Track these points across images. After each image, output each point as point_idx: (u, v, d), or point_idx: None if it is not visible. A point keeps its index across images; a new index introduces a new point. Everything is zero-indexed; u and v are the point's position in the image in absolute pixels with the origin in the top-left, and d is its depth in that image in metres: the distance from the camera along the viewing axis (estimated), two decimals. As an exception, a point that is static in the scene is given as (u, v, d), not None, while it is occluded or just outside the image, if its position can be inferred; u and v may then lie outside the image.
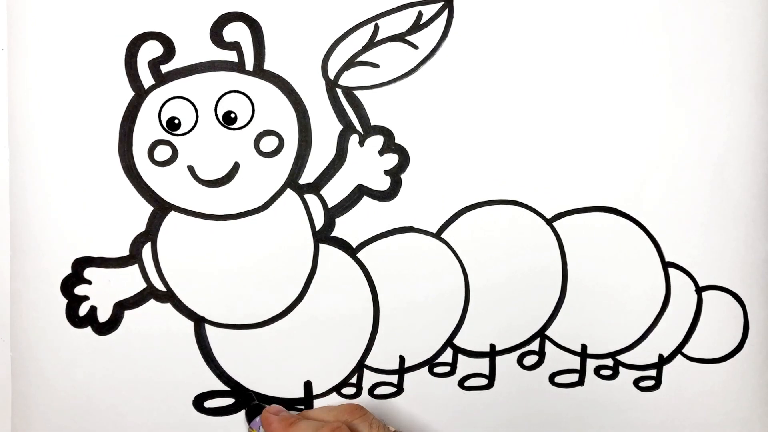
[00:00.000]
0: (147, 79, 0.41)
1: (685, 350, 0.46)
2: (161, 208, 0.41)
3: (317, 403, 0.44)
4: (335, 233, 0.43)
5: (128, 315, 0.42)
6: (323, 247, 0.43)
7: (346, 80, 0.42)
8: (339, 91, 0.42)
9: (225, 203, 0.42)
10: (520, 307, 0.44)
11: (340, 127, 0.42)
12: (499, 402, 0.45)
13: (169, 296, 0.42)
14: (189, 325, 0.42)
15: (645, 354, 0.45)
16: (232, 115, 0.41)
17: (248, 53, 0.41)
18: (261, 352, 0.43)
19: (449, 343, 0.44)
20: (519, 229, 0.44)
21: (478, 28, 0.42)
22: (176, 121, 0.41)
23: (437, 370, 0.44)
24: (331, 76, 0.42)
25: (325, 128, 0.42)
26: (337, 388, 0.44)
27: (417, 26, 0.42)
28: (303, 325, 0.43)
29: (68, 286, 0.41)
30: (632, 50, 0.43)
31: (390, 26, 0.41)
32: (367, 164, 0.42)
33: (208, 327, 0.42)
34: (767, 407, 0.46)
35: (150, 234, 0.41)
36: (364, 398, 0.44)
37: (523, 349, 0.45)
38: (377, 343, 0.44)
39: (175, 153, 0.41)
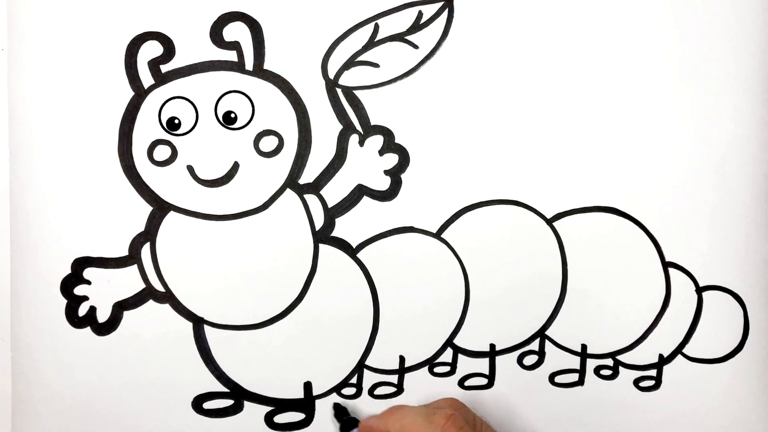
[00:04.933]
0: (147, 79, 0.41)
1: (685, 350, 0.46)
2: (160, 208, 0.41)
3: (318, 404, 0.44)
4: (335, 233, 0.43)
5: (127, 315, 0.42)
6: (323, 247, 0.43)
7: (346, 80, 0.42)
8: (339, 90, 0.42)
9: (225, 203, 0.42)
10: (520, 306, 0.44)
11: (340, 127, 0.42)
12: (499, 402, 0.45)
13: (168, 297, 0.42)
14: (188, 325, 0.42)
15: (645, 354, 0.45)
16: (232, 115, 0.41)
17: (248, 53, 0.41)
18: (260, 353, 0.43)
19: (449, 342, 0.44)
20: (519, 229, 0.44)
21: (478, 28, 0.42)
22: (176, 121, 0.41)
23: (437, 370, 0.44)
24: (331, 75, 0.42)
25: (325, 128, 0.42)
26: (337, 389, 0.44)
27: (417, 26, 0.42)
28: (303, 326, 0.43)
29: (68, 286, 0.41)
30: (632, 50, 0.43)
31: (390, 26, 0.41)
32: (367, 164, 0.42)
33: (207, 328, 0.42)
34: (767, 407, 0.46)
35: (149, 234, 0.41)
36: (364, 398, 0.44)
37: (523, 348, 0.45)
38: (377, 343, 0.44)
39: (174, 153, 0.41)
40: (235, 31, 0.41)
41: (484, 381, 0.45)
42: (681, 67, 0.44)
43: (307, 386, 0.43)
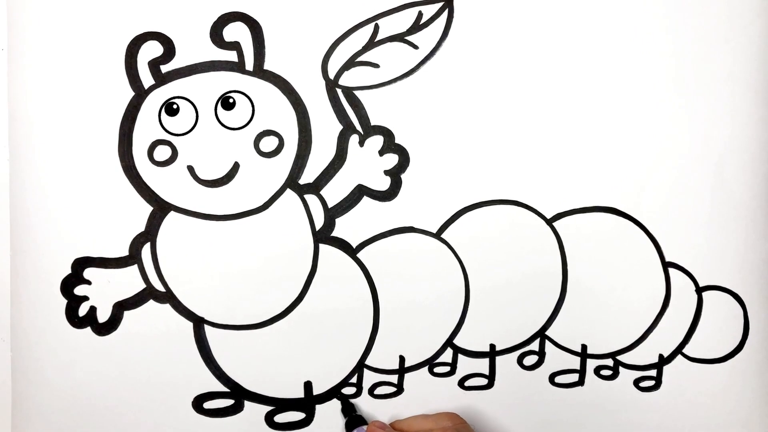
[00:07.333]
0: (147, 79, 0.41)
1: (685, 350, 0.46)
2: (161, 208, 0.41)
3: (318, 406, 0.44)
4: (335, 233, 0.43)
5: (128, 315, 0.42)
6: (323, 247, 0.43)
7: (346, 80, 0.42)
8: (339, 91, 0.42)
9: (225, 203, 0.42)
10: (520, 307, 0.44)
11: (340, 127, 0.42)
12: (499, 402, 0.45)
13: (168, 297, 0.42)
14: (188, 325, 0.42)
15: (645, 354, 0.45)
16: (231, 100, 0.41)
17: (248, 53, 0.41)
18: (261, 352, 0.43)
19: (449, 343, 0.44)
20: (519, 230, 0.44)
21: (478, 28, 0.42)
22: (174, 106, 0.40)
23: (437, 370, 0.44)
24: (331, 76, 0.42)
25: (325, 128, 0.42)
26: (337, 388, 0.44)
27: (417, 26, 0.42)
28: (303, 326, 0.43)
29: (68, 286, 0.41)
30: (632, 50, 0.43)
31: (390, 26, 0.41)
32: (367, 164, 0.42)
33: (207, 328, 0.42)
34: (767, 407, 0.46)
35: (149, 234, 0.41)
36: (364, 398, 0.44)
37: (523, 349, 0.45)
38: (377, 343, 0.44)
39: (174, 153, 0.41)
40: (235, 32, 0.41)
41: (484, 381, 0.45)
42: (680, 67, 0.44)
43: (308, 386, 0.43)
